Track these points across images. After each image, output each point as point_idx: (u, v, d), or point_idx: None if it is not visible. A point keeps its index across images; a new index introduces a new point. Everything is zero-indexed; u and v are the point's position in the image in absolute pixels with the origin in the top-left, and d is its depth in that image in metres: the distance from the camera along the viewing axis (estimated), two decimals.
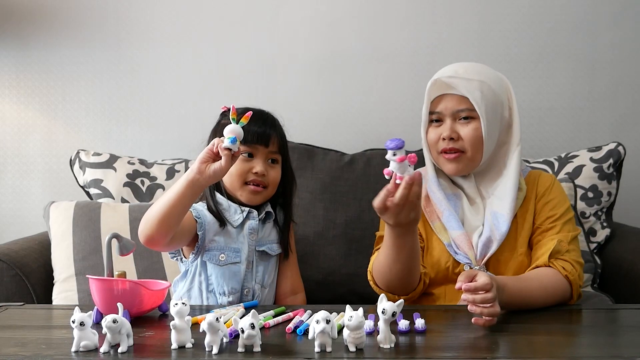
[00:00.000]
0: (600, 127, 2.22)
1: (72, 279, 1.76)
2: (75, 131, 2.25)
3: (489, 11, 2.21)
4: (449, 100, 1.45)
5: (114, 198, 1.95)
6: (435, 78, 1.45)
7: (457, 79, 1.43)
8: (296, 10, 2.22)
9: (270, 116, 1.60)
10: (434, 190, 1.49)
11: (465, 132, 1.44)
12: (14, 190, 2.27)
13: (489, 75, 1.46)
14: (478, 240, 1.43)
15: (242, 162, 1.50)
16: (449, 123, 1.45)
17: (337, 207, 1.92)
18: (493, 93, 1.44)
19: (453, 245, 1.44)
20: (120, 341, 1.05)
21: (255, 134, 1.51)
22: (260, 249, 1.55)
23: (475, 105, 1.42)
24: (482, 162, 1.46)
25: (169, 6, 2.23)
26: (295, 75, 2.23)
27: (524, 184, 1.49)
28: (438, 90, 1.46)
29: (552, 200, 1.48)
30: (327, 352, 1.02)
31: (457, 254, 1.44)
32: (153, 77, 2.24)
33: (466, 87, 1.42)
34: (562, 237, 1.41)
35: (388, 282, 1.39)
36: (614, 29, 2.20)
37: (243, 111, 1.31)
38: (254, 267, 1.53)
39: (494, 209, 1.45)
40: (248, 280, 1.52)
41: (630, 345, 1.11)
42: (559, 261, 1.38)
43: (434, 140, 1.48)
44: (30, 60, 2.23)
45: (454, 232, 1.45)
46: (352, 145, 2.11)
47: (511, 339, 1.11)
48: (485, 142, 1.44)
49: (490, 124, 1.43)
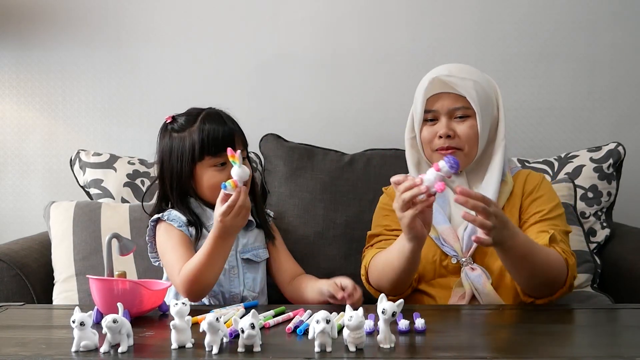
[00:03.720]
0: (600, 127, 2.21)
1: (72, 279, 1.76)
2: (75, 131, 2.25)
3: (488, 11, 2.21)
4: (446, 98, 1.47)
5: (114, 198, 1.95)
6: (433, 77, 1.48)
7: (454, 77, 1.47)
8: (296, 10, 2.23)
9: (224, 114, 1.56)
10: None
11: (462, 130, 1.47)
12: (14, 190, 2.27)
13: (479, 75, 1.50)
14: (463, 233, 1.45)
15: (217, 173, 1.50)
16: (444, 121, 1.47)
17: (337, 207, 1.92)
18: (485, 92, 1.48)
19: (440, 239, 1.47)
20: (120, 341, 1.05)
21: (222, 142, 1.48)
22: (244, 256, 1.54)
23: (472, 104, 1.46)
24: (474, 160, 1.50)
25: (169, 6, 2.23)
26: (295, 75, 2.23)
27: (510, 178, 1.51)
28: (435, 89, 1.48)
29: (540, 197, 1.49)
30: (327, 352, 1.02)
31: (444, 245, 1.47)
32: (153, 78, 2.24)
33: (462, 86, 1.46)
34: (555, 231, 1.42)
35: (383, 284, 1.44)
36: (614, 29, 2.20)
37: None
38: (240, 273, 1.53)
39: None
40: (235, 286, 1.52)
41: (630, 345, 1.11)
42: (556, 245, 1.39)
43: (428, 139, 1.50)
44: (30, 60, 2.24)
45: (439, 226, 1.47)
46: (352, 145, 2.11)
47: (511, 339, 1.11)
48: (479, 139, 1.48)
49: (484, 121, 1.47)
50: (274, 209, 1.87)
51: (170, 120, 1.57)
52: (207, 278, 1.39)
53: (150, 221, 1.55)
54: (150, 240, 1.56)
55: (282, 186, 1.95)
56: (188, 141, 1.51)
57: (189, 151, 1.50)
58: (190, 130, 1.51)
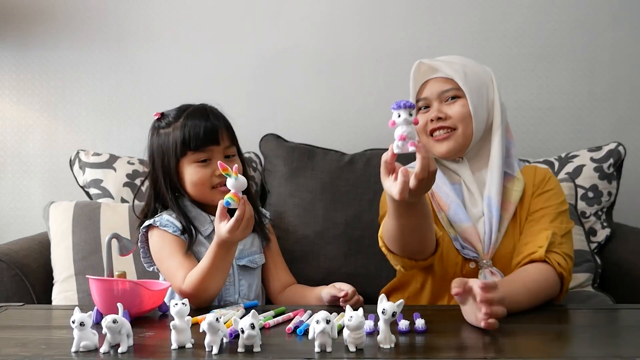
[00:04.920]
0: (600, 127, 2.22)
1: (72, 279, 1.76)
2: (75, 131, 2.25)
3: (489, 11, 2.21)
4: (434, 83, 1.49)
5: (114, 198, 1.95)
6: (419, 62, 1.49)
7: (440, 62, 1.48)
8: (296, 10, 2.23)
9: (210, 108, 1.54)
10: (438, 182, 1.48)
11: (454, 110, 1.46)
12: (14, 190, 2.27)
13: (469, 61, 1.51)
14: (484, 232, 1.43)
15: (200, 169, 1.47)
16: (436, 105, 1.48)
17: (337, 207, 1.92)
18: (476, 74, 1.48)
19: (459, 239, 1.44)
20: (120, 341, 1.05)
21: (204, 137, 1.46)
22: (241, 262, 1.52)
23: (460, 82, 1.45)
24: (473, 142, 1.47)
25: (169, 6, 2.23)
26: (295, 75, 2.23)
27: (520, 175, 1.49)
28: (422, 76, 1.50)
29: (548, 191, 1.48)
30: (327, 352, 1.02)
31: (463, 248, 1.43)
32: (153, 77, 2.24)
33: (450, 68, 1.47)
34: (557, 230, 1.41)
35: (403, 249, 1.35)
36: (614, 29, 2.20)
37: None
38: (236, 281, 1.50)
39: (487, 194, 1.45)
40: (230, 294, 1.49)
41: (630, 345, 1.11)
42: (554, 255, 1.36)
43: (422, 126, 1.49)
44: (30, 60, 2.24)
45: (462, 224, 1.44)
46: (352, 145, 2.11)
47: (511, 339, 1.11)
48: (474, 118, 1.45)
49: (476, 100, 1.46)
50: (274, 209, 1.87)
51: (158, 116, 1.55)
52: (213, 287, 1.37)
53: (141, 228, 1.52)
54: (142, 245, 1.52)
55: (282, 186, 1.95)
56: (172, 137, 1.49)
57: (172, 147, 1.48)
58: (175, 126, 1.49)
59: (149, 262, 1.53)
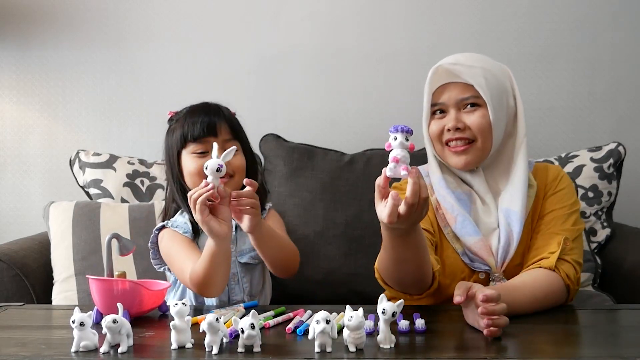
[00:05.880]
0: (600, 127, 2.22)
1: (72, 279, 1.76)
2: (75, 131, 2.25)
3: (489, 11, 2.21)
4: (453, 88, 1.38)
5: (114, 198, 1.95)
6: (437, 65, 1.39)
7: (460, 66, 1.37)
8: (296, 10, 2.23)
9: (214, 105, 1.55)
10: (442, 194, 1.41)
11: (472, 120, 1.37)
12: (14, 190, 2.27)
13: (490, 62, 1.41)
14: (498, 245, 1.36)
15: (197, 159, 1.48)
16: (453, 113, 1.38)
17: (337, 207, 1.92)
18: (497, 80, 1.38)
19: (468, 253, 1.38)
20: (120, 341, 1.05)
21: (200, 128, 1.48)
22: (242, 260, 1.52)
23: (480, 91, 1.35)
24: (491, 153, 1.39)
25: (169, 6, 2.23)
26: (296, 75, 2.23)
27: (533, 179, 1.42)
28: (440, 79, 1.40)
29: (560, 190, 1.42)
30: (327, 352, 1.02)
31: (473, 262, 1.38)
32: (153, 77, 2.24)
33: (470, 74, 1.36)
34: (568, 233, 1.36)
35: (399, 282, 1.31)
36: (614, 29, 2.20)
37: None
38: (240, 279, 1.52)
39: (505, 206, 1.37)
40: (236, 293, 1.51)
41: (630, 345, 1.10)
42: (564, 265, 1.32)
43: (436, 133, 1.40)
44: (30, 60, 2.24)
45: (470, 238, 1.36)
46: (352, 145, 2.11)
47: (511, 339, 1.11)
48: (494, 130, 1.37)
49: (497, 111, 1.36)
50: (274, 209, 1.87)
51: (171, 115, 1.58)
52: (217, 279, 1.36)
53: (154, 229, 1.53)
54: (152, 246, 1.53)
55: (282, 186, 1.95)
56: (176, 133, 1.51)
57: (176, 142, 1.51)
58: (179, 122, 1.52)
59: (159, 263, 1.54)
